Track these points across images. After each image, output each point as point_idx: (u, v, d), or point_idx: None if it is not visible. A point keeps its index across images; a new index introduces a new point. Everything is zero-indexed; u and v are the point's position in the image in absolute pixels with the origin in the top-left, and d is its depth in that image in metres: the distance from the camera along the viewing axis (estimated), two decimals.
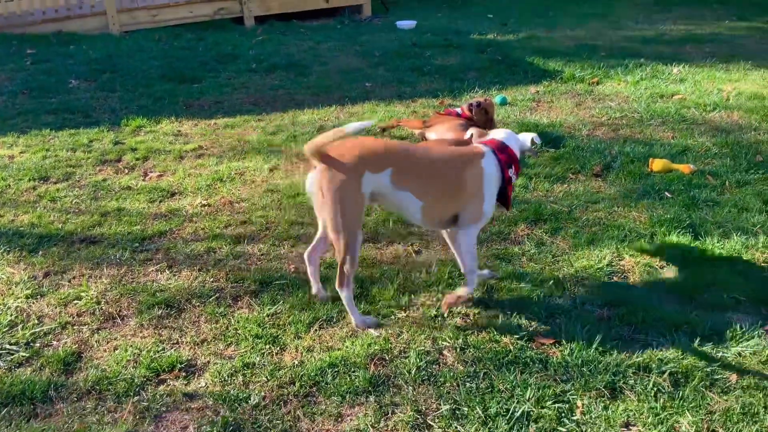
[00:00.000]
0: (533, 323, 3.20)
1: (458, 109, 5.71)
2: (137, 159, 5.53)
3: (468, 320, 3.23)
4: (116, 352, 3.11)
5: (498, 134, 3.32)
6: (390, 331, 3.17)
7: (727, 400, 2.71)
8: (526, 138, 3.35)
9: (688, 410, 2.65)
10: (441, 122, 5.62)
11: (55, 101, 7.04)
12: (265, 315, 3.32)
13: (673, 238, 3.88)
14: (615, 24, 11.22)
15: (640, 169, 4.95)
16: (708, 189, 4.55)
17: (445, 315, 3.27)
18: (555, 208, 4.34)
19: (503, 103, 6.80)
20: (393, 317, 3.29)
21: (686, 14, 12.15)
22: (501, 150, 3.19)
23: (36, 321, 3.33)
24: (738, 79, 7.45)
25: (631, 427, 2.60)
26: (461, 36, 10.09)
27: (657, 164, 4.93)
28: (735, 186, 4.63)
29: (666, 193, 4.52)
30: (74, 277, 3.75)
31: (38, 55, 8.80)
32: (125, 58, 8.74)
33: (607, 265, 3.66)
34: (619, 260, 3.74)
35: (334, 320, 3.27)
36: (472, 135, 3.44)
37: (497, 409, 2.66)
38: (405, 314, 3.31)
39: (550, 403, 2.69)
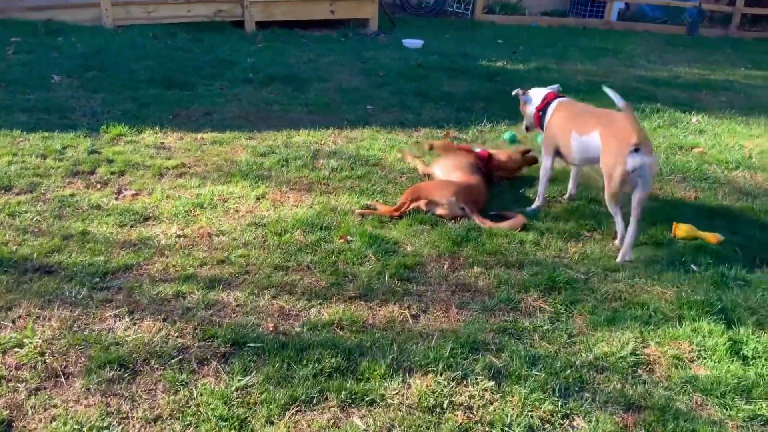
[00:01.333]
0: (546, 426, 2.74)
1: (478, 148, 5.34)
2: (112, 173, 5.03)
3: (472, 415, 2.76)
4: (53, 424, 2.61)
5: None
6: (379, 423, 2.69)
7: None
8: None
9: None
10: (448, 156, 5.17)
11: (33, 98, 6.54)
12: (234, 388, 2.83)
13: (704, 324, 3.43)
14: (627, 62, 10.87)
15: (662, 233, 4.51)
16: (737, 264, 4.12)
17: (445, 406, 2.80)
18: (570, 275, 3.89)
19: (512, 140, 6.37)
20: (384, 402, 2.82)
21: (699, 57, 11.83)
22: None
23: None
24: (759, 135, 7.08)
25: None
26: (469, 60, 9.68)
27: (681, 230, 4.50)
28: (765, 263, 4.20)
29: (692, 266, 4.09)
30: (20, 317, 3.25)
31: (22, 44, 8.29)
32: (115, 55, 8.24)
33: (631, 353, 3.21)
34: (644, 347, 3.29)
35: (314, 402, 2.79)
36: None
37: None
38: (398, 399, 2.84)
39: None
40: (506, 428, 2.69)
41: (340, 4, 11.12)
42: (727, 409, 2.90)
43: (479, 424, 2.71)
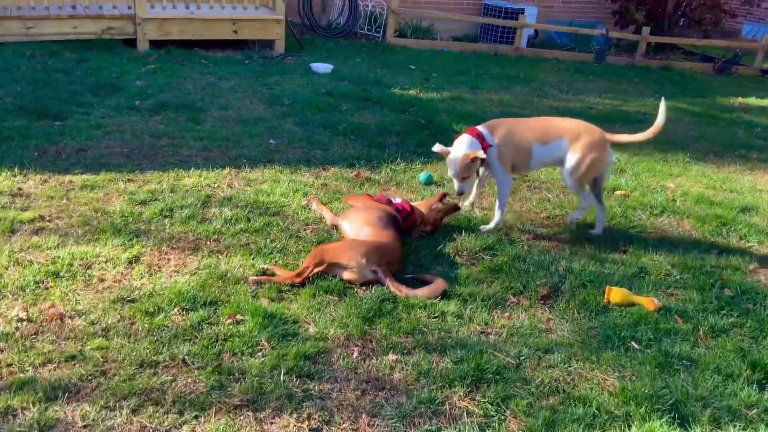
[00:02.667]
0: None
1: (398, 199, 4.85)
2: None
3: None
4: None
5: None
6: None
7: None
8: None
9: None
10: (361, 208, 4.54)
11: None
12: None
13: (655, 425, 2.94)
14: (540, 91, 10.63)
15: (594, 298, 4.05)
16: (680, 339, 3.70)
17: None
18: (500, 361, 3.33)
19: (428, 182, 5.83)
20: None
21: (608, 87, 11.79)
22: None
23: None
24: (679, 173, 6.86)
25: None
26: (381, 88, 9.13)
27: (615, 295, 4.05)
28: (710, 334, 3.80)
29: (632, 342, 3.62)
30: None
31: None
32: None
33: None
34: None
35: None
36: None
37: None
38: None
39: None
40: None
41: (243, 23, 10.34)
42: None
43: None
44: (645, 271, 4.54)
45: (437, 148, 4.72)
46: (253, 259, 4.12)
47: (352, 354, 3.28)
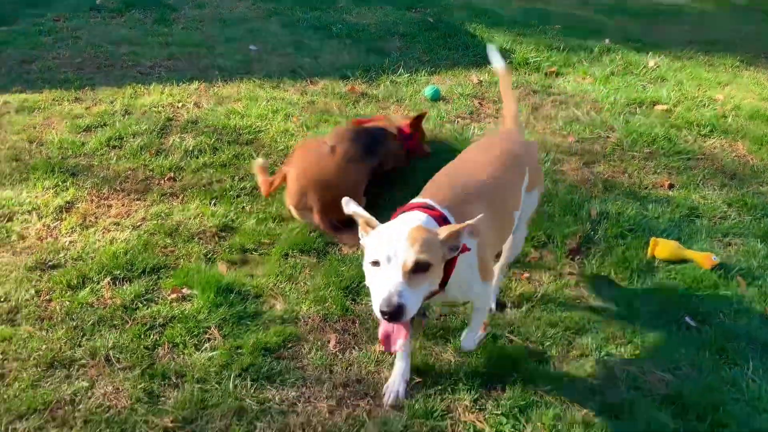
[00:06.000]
0: None
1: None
2: None
3: None
4: None
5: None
6: None
7: None
8: None
9: None
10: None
11: None
12: None
13: None
14: None
15: (636, 253, 3.26)
16: (744, 308, 2.93)
17: None
18: (517, 348, 2.59)
19: (435, 97, 4.93)
20: None
21: None
22: None
23: None
24: (728, 81, 5.86)
25: None
26: None
27: (662, 249, 3.26)
28: None
29: (687, 318, 2.86)
30: None
31: None
32: None
33: None
34: None
35: None
36: None
37: None
38: None
39: None
40: None
41: None
42: None
43: None
44: (696, 212, 3.71)
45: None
46: (214, 205, 3.34)
47: (329, 343, 2.55)
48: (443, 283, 2.03)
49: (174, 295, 2.69)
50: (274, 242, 3.12)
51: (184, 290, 2.72)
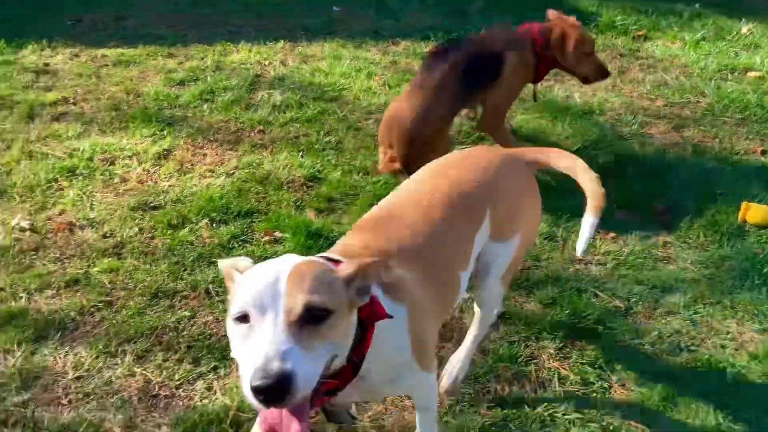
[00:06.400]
0: None
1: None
2: None
3: None
4: None
5: None
6: None
7: None
8: None
9: None
10: None
11: None
12: None
13: None
14: None
15: (727, 217, 3.18)
16: None
17: None
18: (603, 303, 2.60)
19: None
20: None
21: None
22: None
23: None
24: None
25: None
26: None
27: (754, 213, 3.17)
28: None
29: None
30: None
31: None
32: None
33: None
34: None
35: None
36: None
37: None
38: None
39: None
40: None
41: None
42: None
43: None
44: None
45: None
46: (301, 157, 3.44)
47: None
48: (356, 361, 1.40)
49: (267, 237, 2.81)
50: (358, 193, 3.19)
51: (276, 233, 2.83)
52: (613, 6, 6.01)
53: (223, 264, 1.43)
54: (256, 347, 1.19)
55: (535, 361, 2.32)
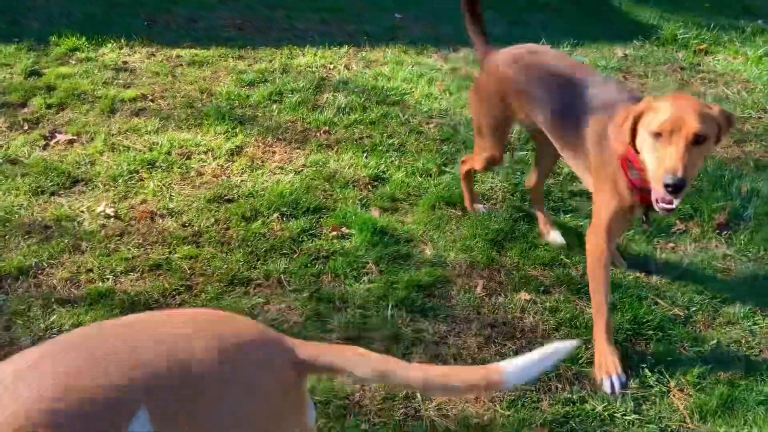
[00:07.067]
0: None
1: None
2: (49, 106, 3.83)
3: None
4: None
5: None
6: None
7: None
8: None
9: None
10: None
11: None
12: None
13: None
14: None
15: None
16: None
17: None
18: (663, 311, 2.65)
19: None
20: None
21: None
22: None
23: None
24: None
25: None
26: None
27: None
28: None
29: None
30: None
31: None
32: None
33: None
34: None
35: None
36: None
37: None
38: None
39: None
40: None
41: None
42: None
43: None
44: None
45: None
46: (366, 157, 3.56)
47: (476, 288, 2.71)
48: None
49: (334, 233, 2.93)
50: (421, 194, 3.30)
51: (343, 229, 2.95)
52: (675, 20, 6.02)
53: None
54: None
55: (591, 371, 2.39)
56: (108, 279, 2.61)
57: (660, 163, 2.03)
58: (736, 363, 2.44)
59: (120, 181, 3.23)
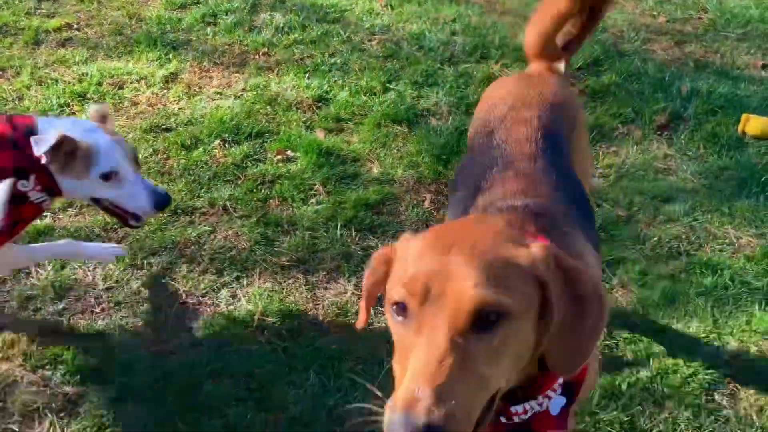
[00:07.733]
0: None
1: None
2: None
3: None
4: None
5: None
6: None
7: None
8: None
9: None
10: None
11: None
12: None
13: None
14: None
15: (726, 129, 3.25)
16: None
17: None
18: (605, 212, 2.70)
19: None
20: None
21: None
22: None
23: None
24: None
25: None
26: None
27: (753, 125, 3.24)
28: None
29: None
30: None
31: None
32: None
33: (708, 370, 2.11)
34: (725, 344, 2.20)
35: None
36: None
37: None
38: None
39: None
40: None
41: None
42: None
43: None
44: None
45: None
46: (308, 78, 3.47)
47: (424, 202, 2.72)
48: None
49: (279, 156, 2.88)
50: (366, 113, 3.24)
51: (288, 152, 2.90)
52: None
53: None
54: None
55: None
56: (45, 216, 2.52)
57: (399, 380, 1.07)
58: (677, 258, 2.52)
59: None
